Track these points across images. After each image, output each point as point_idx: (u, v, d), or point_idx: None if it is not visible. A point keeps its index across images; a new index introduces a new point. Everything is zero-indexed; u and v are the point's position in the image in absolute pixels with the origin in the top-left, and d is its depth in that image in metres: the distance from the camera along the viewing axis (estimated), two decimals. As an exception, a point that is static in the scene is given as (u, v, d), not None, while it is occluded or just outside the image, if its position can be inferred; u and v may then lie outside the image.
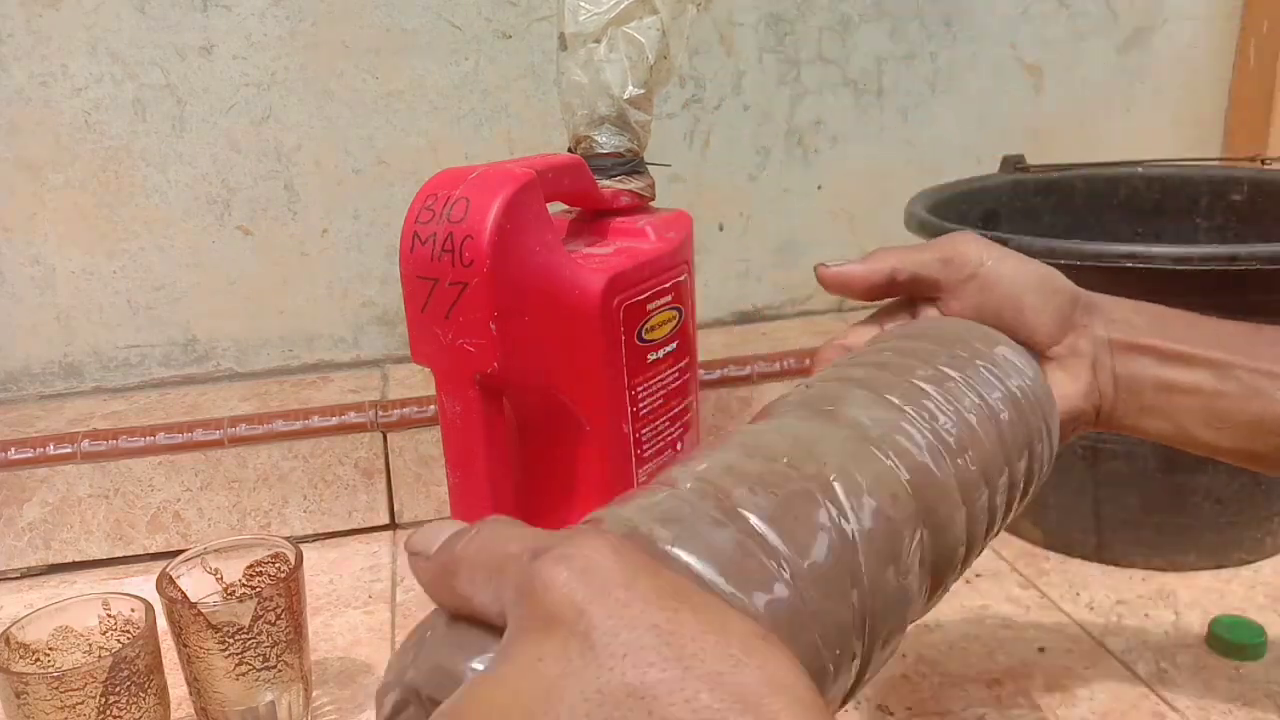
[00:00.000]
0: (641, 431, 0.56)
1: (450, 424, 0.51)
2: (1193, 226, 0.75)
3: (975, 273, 0.42)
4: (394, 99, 0.77)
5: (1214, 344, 0.40)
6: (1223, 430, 0.40)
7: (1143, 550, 0.62)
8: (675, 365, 0.58)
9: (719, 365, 0.77)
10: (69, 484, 0.67)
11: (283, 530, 0.71)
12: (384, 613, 0.62)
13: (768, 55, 0.83)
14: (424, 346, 0.50)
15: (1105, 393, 0.42)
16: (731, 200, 0.86)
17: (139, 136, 0.74)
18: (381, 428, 0.71)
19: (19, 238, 0.74)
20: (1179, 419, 0.41)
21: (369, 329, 0.81)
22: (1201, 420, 0.40)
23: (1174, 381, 0.40)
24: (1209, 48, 0.93)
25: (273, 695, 0.47)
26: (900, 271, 0.43)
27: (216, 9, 0.72)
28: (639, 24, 0.54)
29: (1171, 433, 0.41)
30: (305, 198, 0.77)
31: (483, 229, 0.46)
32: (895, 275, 0.43)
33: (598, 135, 0.56)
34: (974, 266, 0.42)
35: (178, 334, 0.78)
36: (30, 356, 0.77)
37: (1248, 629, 0.55)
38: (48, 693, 0.41)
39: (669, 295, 0.57)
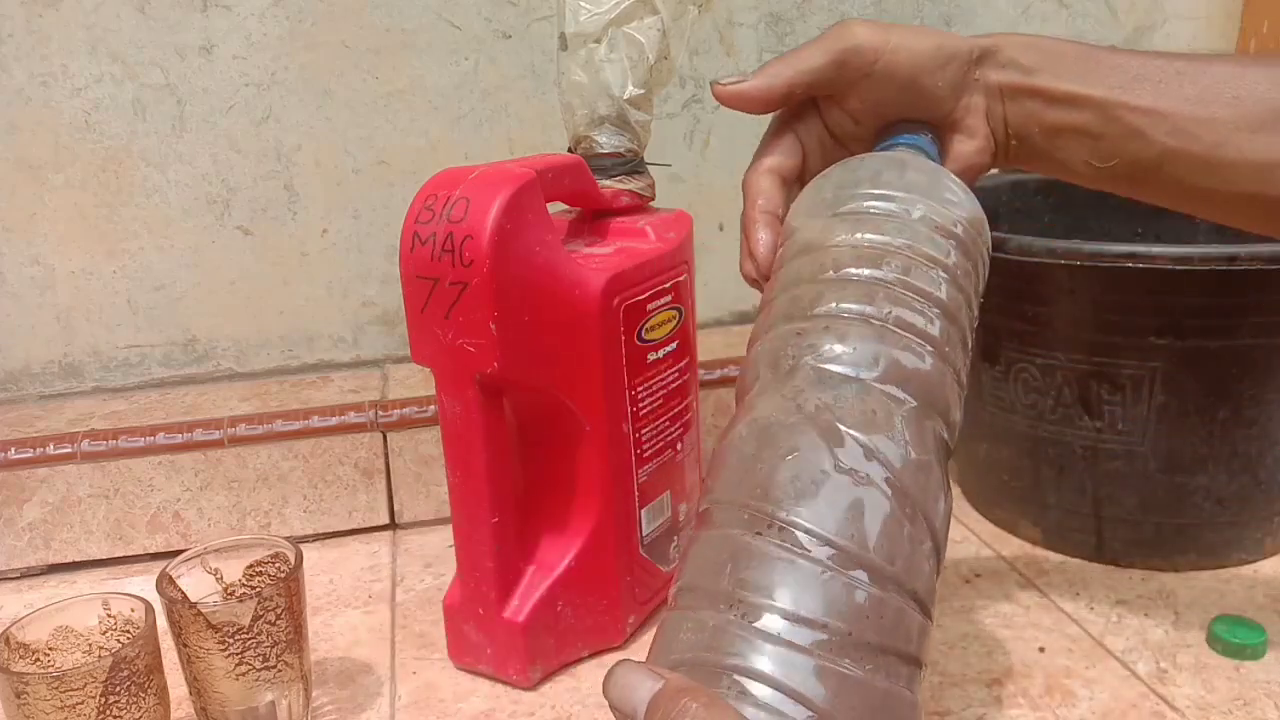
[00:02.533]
0: (641, 431, 0.56)
1: (450, 424, 0.51)
2: (1193, 226, 0.74)
3: (870, 71, 0.43)
4: (394, 99, 0.77)
5: (1099, 82, 0.41)
6: (1104, 169, 0.42)
7: (1143, 550, 0.62)
8: (675, 365, 0.58)
9: (719, 365, 0.77)
10: (69, 484, 0.67)
11: (283, 530, 0.71)
12: (384, 613, 0.63)
13: (768, 55, 0.83)
14: (424, 346, 0.50)
15: (999, 141, 0.43)
16: (731, 200, 0.85)
17: (139, 136, 0.74)
18: (381, 428, 0.71)
19: (19, 238, 0.74)
20: (1066, 159, 0.42)
21: (369, 329, 0.81)
22: (1087, 159, 0.42)
23: (1059, 124, 0.42)
24: (1209, 48, 0.93)
25: (273, 695, 0.47)
26: (796, 85, 0.44)
27: (216, 9, 0.72)
28: (639, 24, 0.55)
29: (1061, 172, 0.43)
30: (305, 198, 0.78)
31: (483, 229, 0.46)
32: (792, 89, 0.44)
33: (598, 135, 0.56)
34: (868, 65, 0.43)
35: (178, 334, 0.78)
36: (30, 356, 0.77)
37: (1248, 629, 0.55)
38: (48, 693, 0.41)
39: (669, 295, 0.57)
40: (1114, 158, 0.41)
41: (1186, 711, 0.50)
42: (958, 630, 0.57)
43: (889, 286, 0.37)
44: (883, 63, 0.42)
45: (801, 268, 0.39)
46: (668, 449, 0.59)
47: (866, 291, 0.37)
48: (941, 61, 0.43)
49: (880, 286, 0.37)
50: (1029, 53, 0.43)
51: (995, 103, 0.43)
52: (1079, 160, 0.42)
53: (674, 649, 0.31)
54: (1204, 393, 0.57)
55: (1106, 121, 0.41)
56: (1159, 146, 0.40)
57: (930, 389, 0.36)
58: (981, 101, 0.43)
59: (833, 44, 0.43)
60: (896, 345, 0.36)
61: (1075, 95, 0.41)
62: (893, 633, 0.32)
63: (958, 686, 0.53)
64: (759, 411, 0.36)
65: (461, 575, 0.53)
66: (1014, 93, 0.43)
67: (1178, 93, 0.40)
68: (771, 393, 0.36)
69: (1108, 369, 0.58)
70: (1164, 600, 0.60)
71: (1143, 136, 0.40)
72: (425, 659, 0.57)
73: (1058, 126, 0.42)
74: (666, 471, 0.59)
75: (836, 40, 0.43)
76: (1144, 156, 0.41)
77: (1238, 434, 0.58)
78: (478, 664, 0.55)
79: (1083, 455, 0.61)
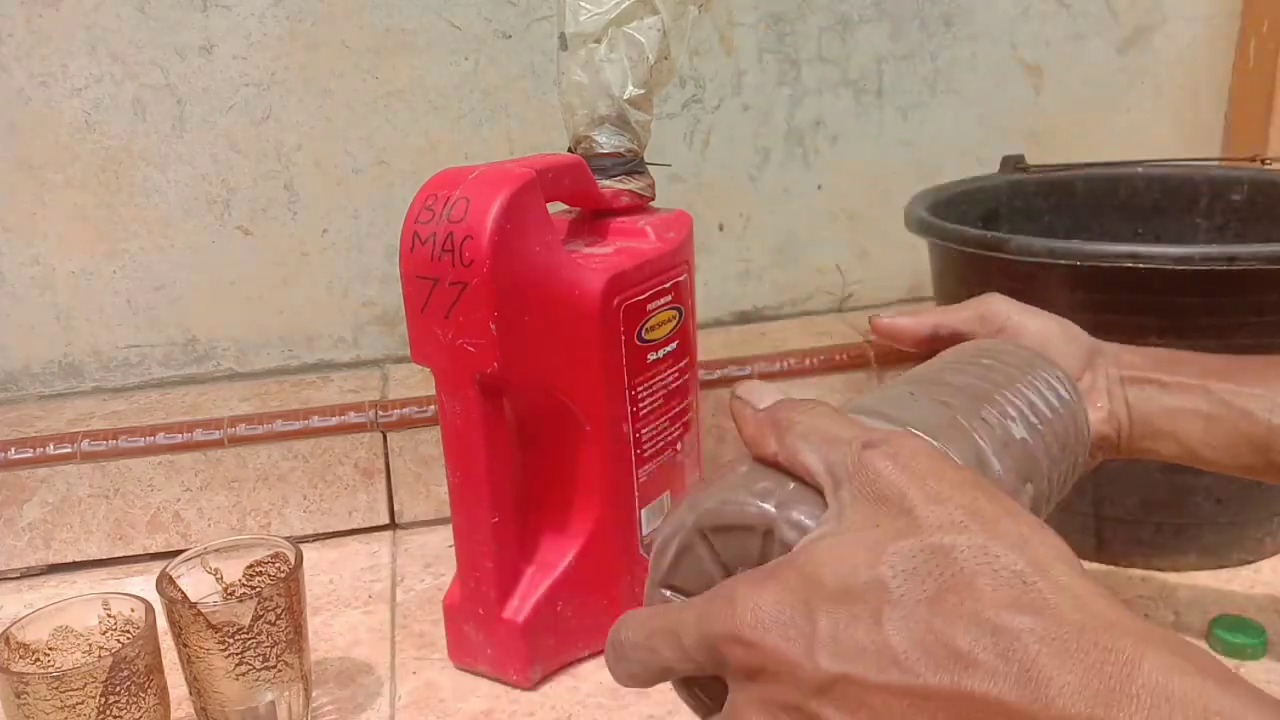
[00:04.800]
0: (641, 431, 0.56)
1: (450, 424, 0.51)
2: (1193, 226, 0.75)
3: (1004, 325, 0.48)
4: (394, 99, 0.77)
5: (1205, 375, 0.46)
6: (1219, 448, 0.46)
7: (1143, 550, 0.62)
8: (675, 365, 0.58)
9: (719, 365, 0.77)
10: (69, 484, 0.67)
11: (283, 530, 0.71)
12: (384, 613, 0.62)
13: (768, 55, 0.83)
14: (424, 346, 0.50)
15: (1122, 420, 0.47)
16: (731, 200, 0.86)
17: (139, 136, 0.74)
18: (381, 428, 0.71)
19: (19, 238, 0.74)
20: (1185, 440, 0.46)
21: (369, 329, 0.81)
22: (1202, 440, 0.46)
23: (1178, 408, 0.46)
24: (1209, 48, 0.93)
25: (273, 695, 0.47)
26: (942, 327, 0.50)
27: (216, 9, 0.72)
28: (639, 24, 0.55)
29: (1180, 453, 0.47)
30: (305, 198, 0.77)
31: (483, 229, 0.46)
32: (938, 330, 0.50)
33: (598, 135, 0.56)
34: (1003, 320, 0.48)
35: (178, 334, 0.78)
36: (30, 356, 0.77)
37: (1248, 629, 0.55)
38: (48, 693, 0.41)
39: (669, 295, 0.57)
40: (1228, 435, 0.45)
41: (1186, 711, 0.50)
42: (958, 630, 0.57)
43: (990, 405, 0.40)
44: (1015, 321, 0.48)
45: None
46: (668, 449, 0.59)
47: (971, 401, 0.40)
48: (1068, 337, 0.48)
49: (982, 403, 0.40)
50: (1141, 355, 0.48)
51: (1117, 388, 0.47)
52: (1199, 442, 0.46)
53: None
54: (1204, 393, 0.57)
55: (1216, 403, 0.45)
56: (1265, 424, 0.44)
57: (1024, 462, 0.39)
58: (1104, 384, 0.47)
59: (976, 303, 0.50)
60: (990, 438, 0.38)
61: (1188, 385, 0.46)
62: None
63: (958, 686, 0.52)
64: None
65: (461, 575, 0.53)
66: (1135, 382, 0.47)
67: (1276, 379, 0.45)
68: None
69: (1108, 369, 0.58)
70: (1164, 600, 0.59)
71: (1251, 416, 0.45)
72: (425, 659, 0.57)
73: (1176, 410, 0.46)
74: (666, 471, 0.59)
75: (979, 301, 0.50)
76: (1255, 435, 0.45)
77: (1238, 434, 0.58)
78: (478, 664, 0.55)
79: (1083, 455, 0.61)
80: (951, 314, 0.50)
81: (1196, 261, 0.53)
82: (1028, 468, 0.38)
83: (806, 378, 0.78)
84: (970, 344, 0.47)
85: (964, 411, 0.37)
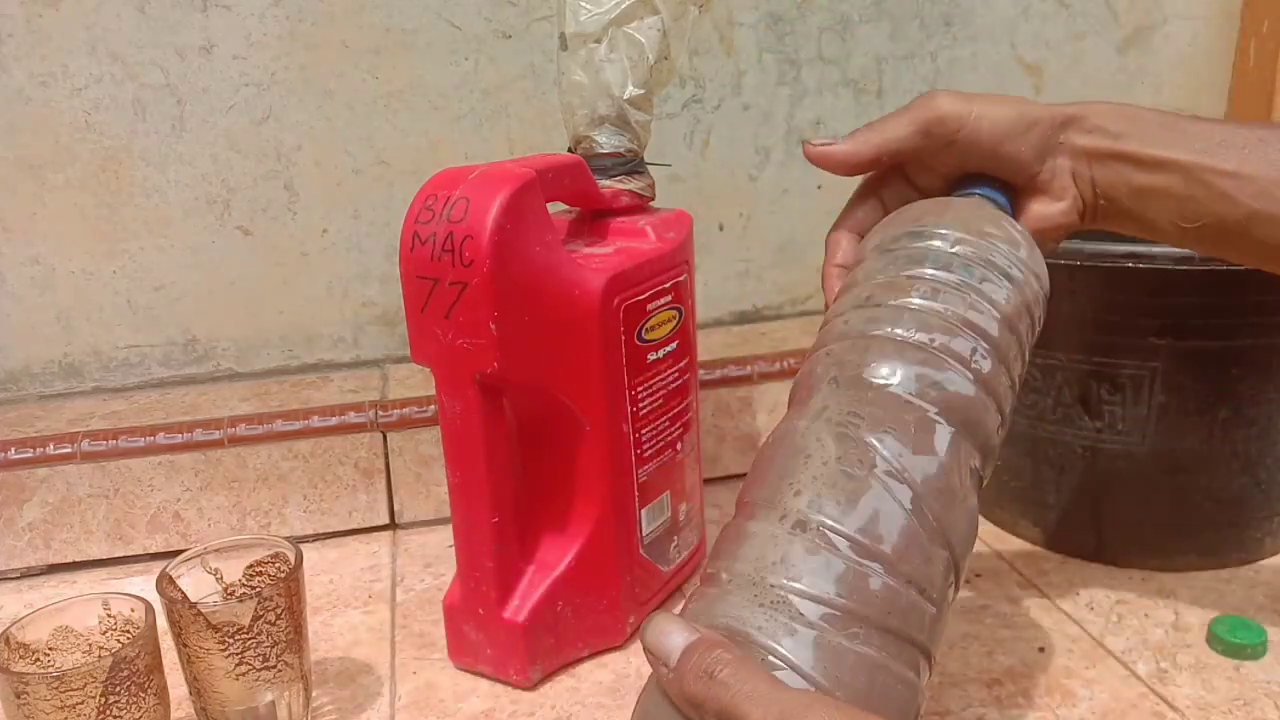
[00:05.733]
0: (641, 431, 0.56)
1: (450, 424, 0.51)
2: (1193, 226, 0.75)
3: (954, 139, 0.44)
4: (394, 99, 0.77)
5: (1185, 147, 0.42)
6: (1190, 229, 0.43)
7: (1143, 550, 0.62)
8: (675, 365, 0.58)
9: (719, 365, 0.77)
10: (69, 484, 0.67)
11: (283, 530, 0.71)
12: (384, 613, 0.63)
13: (768, 55, 0.83)
14: (424, 346, 0.50)
15: (1087, 201, 0.45)
16: (731, 200, 0.86)
17: (139, 136, 0.74)
18: (381, 428, 0.71)
19: (19, 238, 0.74)
20: (1153, 219, 0.44)
21: (369, 329, 0.81)
22: (1174, 220, 0.43)
23: (1147, 186, 0.43)
24: (1209, 48, 0.93)
25: (273, 695, 0.47)
26: (884, 152, 0.46)
27: (216, 9, 0.72)
28: (639, 24, 0.55)
29: (1143, 231, 0.45)
30: (305, 198, 0.78)
31: (483, 229, 0.46)
32: (879, 157, 0.46)
33: (598, 135, 0.56)
34: (952, 134, 0.44)
35: (178, 334, 0.78)
36: (30, 356, 0.77)
37: (1248, 629, 0.55)
38: (48, 693, 0.41)
39: (669, 295, 0.57)
40: (1201, 219, 0.42)
41: (1186, 711, 0.50)
42: (958, 630, 0.57)
43: (941, 317, 0.39)
44: (966, 130, 0.44)
45: (855, 297, 0.42)
46: (668, 449, 0.59)
47: (918, 320, 0.39)
48: (1024, 128, 0.44)
49: (933, 316, 0.39)
50: (1115, 119, 0.44)
51: (1083, 166, 0.44)
52: (1166, 221, 0.44)
53: (704, 617, 0.35)
54: (1204, 393, 0.57)
55: (1194, 184, 0.42)
56: (1245, 209, 0.42)
57: (969, 415, 0.38)
58: (1068, 164, 0.45)
59: (918, 114, 0.45)
60: (939, 369, 0.38)
61: (1163, 160, 0.43)
62: (904, 618, 0.34)
63: (958, 686, 0.53)
64: (794, 418, 0.39)
65: (461, 575, 0.53)
66: (1102, 156, 0.44)
67: (1263, 158, 0.41)
68: (814, 399, 0.39)
69: (1108, 369, 0.58)
70: (1164, 600, 0.60)
71: (1230, 199, 0.42)
72: (425, 659, 0.57)
73: (1146, 189, 0.43)
74: (666, 471, 0.59)
75: (921, 110, 0.45)
76: (1231, 218, 0.42)
77: (1238, 434, 0.58)
78: (478, 664, 0.55)
79: (1083, 455, 0.61)
80: (892, 132, 0.45)
81: (1196, 261, 0.53)
82: (996, 397, 0.39)
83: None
84: (898, 231, 0.43)
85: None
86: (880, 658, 0.33)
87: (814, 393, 0.39)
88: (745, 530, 0.36)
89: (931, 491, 0.36)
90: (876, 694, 0.33)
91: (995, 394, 0.39)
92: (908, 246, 0.41)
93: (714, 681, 0.31)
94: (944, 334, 0.38)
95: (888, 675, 0.34)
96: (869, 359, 0.38)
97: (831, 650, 0.33)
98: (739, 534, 0.37)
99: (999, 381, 0.39)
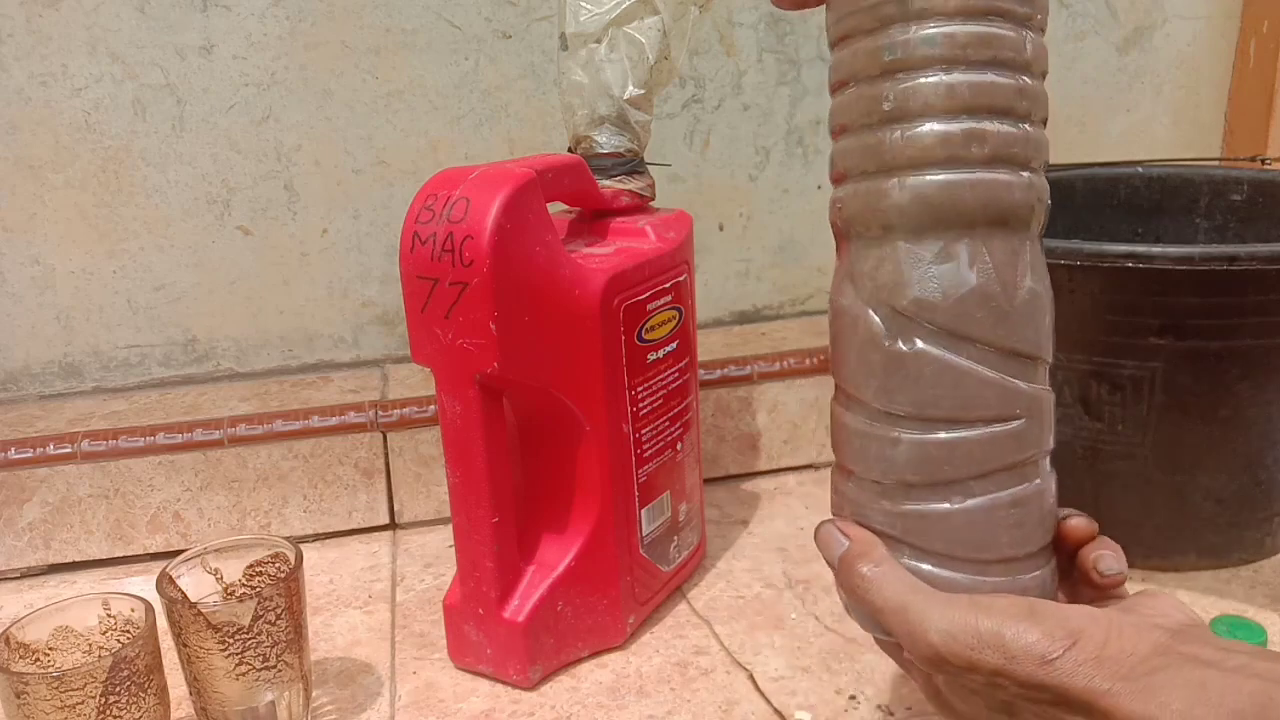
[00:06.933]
0: (641, 431, 0.56)
1: (450, 424, 0.51)
2: (1193, 226, 0.75)
3: None
4: (394, 99, 0.77)
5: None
6: None
7: (1143, 550, 0.62)
8: (675, 365, 0.58)
9: (719, 365, 0.77)
10: (69, 484, 0.67)
11: (283, 530, 0.71)
12: (384, 613, 0.62)
13: (768, 55, 0.83)
14: (424, 346, 0.50)
15: None
16: (731, 200, 0.86)
17: (139, 136, 0.74)
18: (381, 428, 0.71)
19: (19, 238, 0.74)
20: None
21: (369, 329, 0.81)
22: None
23: None
24: (1209, 48, 0.93)
25: (273, 695, 0.47)
26: None
27: (216, 9, 0.72)
28: (640, 24, 0.55)
29: None
30: (305, 198, 0.78)
31: (483, 229, 0.46)
32: None
33: (598, 135, 0.57)
34: None
35: (178, 334, 0.78)
36: (30, 356, 0.77)
37: (1248, 629, 0.55)
38: (48, 693, 0.41)
39: (669, 295, 0.57)
40: None
41: (1186, 711, 0.50)
42: (958, 630, 0.57)
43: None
44: None
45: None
46: (668, 449, 0.59)
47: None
48: None
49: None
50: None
51: None
52: None
53: (857, 515, 0.39)
54: (1204, 393, 0.57)
55: None
56: None
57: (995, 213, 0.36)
58: None
59: None
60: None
61: None
62: (1018, 448, 0.37)
63: (958, 686, 0.53)
64: (834, 297, 0.40)
65: (461, 575, 0.53)
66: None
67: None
68: (852, 250, 0.39)
69: (1108, 369, 0.58)
70: (1164, 600, 0.59)
71: None
72: (425, 659, 0.57)
73: None
74: (666, 471, 0.59)
75: None
76: None
77: (1238, 434, 0.58)
78: (478, 664, 0.55)
79: (1083, 455, 0.61)
80: None
81: (1196, 261, 0.53)
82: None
83: (806, 378, 0.78)
84: None
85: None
86: (1002, 496, 0.36)
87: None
88: (849, 425, 0.39)
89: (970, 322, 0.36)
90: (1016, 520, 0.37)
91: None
92: None
93: (859, 586, 0.37)
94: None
95: (1010, 507, 0.36)
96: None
97: (958, 523, 0.36)
98: (845, 429, 0.39)
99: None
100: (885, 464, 0.37)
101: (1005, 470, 0.36)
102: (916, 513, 0.37)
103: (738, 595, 0.62)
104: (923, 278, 0.35)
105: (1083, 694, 0.31)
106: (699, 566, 0.65)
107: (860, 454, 0.38)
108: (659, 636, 0.58)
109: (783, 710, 0.51)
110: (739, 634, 0.58)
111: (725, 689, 0.53)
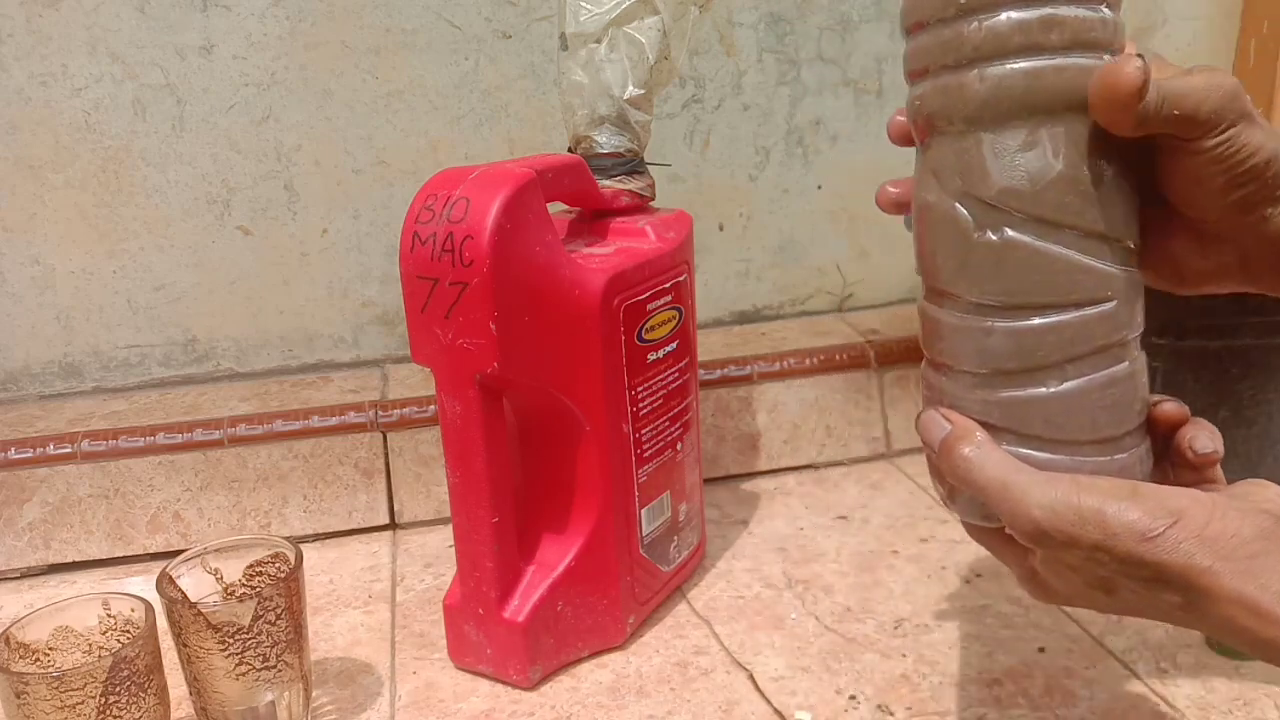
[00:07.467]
0: (641, 431, 0.56)
1: (450, 424, 0.51)
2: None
3: None
4: (394, 99, 0.77)
5: None
6: None
7: (1143, 550, 0.62)
8: (675, 365, 0.58)
9: (719, 365, 0.77)
10: (69, 484, 0.67)
11: (283, 530, 0.71)
12: (384, 613, 0.63)
13: (768, 55, 0.83)
14: (424, 346, 0.50)
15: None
16: (731, 200, 0.86)
17: (139, 136, 0.74)
18: (381, 428, 0.71)
19: (19, 238, 0.74)
20: None
21: (369, 329, 0.81)
22: None
23: None
24: (1209, 48, 0.93)
25: (273, 695, 0.47)
26: None
27: (216, 9, 0.72)
28: (640, 24, 0.55)
29: None
30: (305, 198, 0.78)
31: (483, 229, 0.46)
32: None
33: (598, 135, 0.57)
34: None
35: (178, 334, 0.78)
36: (30, 356, 0.77)
37: (1248, 629, 0.55)
38: (48, 693, 0.41)
39: (669, 295, 0.57)
40: None
41: (1186, 711, 0.50)
42: (958, 630, 0.57)
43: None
44: None
45: None
46: (668, 449, 0.59)
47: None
48: None
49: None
50: None
51: None
52: None
53: (956, 405, 0.39)
54: (1204, 393, 0.57)
55: None
56: None
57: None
58: None
59: None
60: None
61: None
62: (1104, 332, 0.36)
63: (958, 686, 0.53)
64: (919, 194, 0.39)
65: (461, 575, 0.53)
66: None
67: None
68: (933, 151, 0.38)
69: (1108, 369, 0.58)
70: (1164, 600, 0.59)
71: None
72: (425, 659, 0.57)
73: None
74: (666, 471, 0.59)
75: None
76: None
77: (1238, 434, 0.58)
78: (478, 664, 0.55)
79: (1083, 455, 0.61)
80: None
81: (1196, 261, 0.53)
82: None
83: (806, 378, 0.78)
84: None
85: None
86: (1097, 378, 0.36)
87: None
88: (941, 321, 0.38)
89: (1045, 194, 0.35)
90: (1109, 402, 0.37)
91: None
92: None
93: (960, 466, 0.37)
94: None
95: (1103, 387, 0.36)
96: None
97: (1055, 407, 0.36)
98: (937, 324, 0.39)
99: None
100: (981, 355, 0.37)
101: (1098, 352, 0.36)
102: (1014, 399, 0.37)
103: (738, 595, 0.62)
104: (1009, 167, 0.35)
105: (1182, 571, 0.32)
106: (699, 566, 0.65)
107: (954, 348, 0.38)
108: (659, 636, 0.58)
109: (783, 710, 0.51)
110: (739, 634, 0.58)
111: (725, 689, 0.53)
